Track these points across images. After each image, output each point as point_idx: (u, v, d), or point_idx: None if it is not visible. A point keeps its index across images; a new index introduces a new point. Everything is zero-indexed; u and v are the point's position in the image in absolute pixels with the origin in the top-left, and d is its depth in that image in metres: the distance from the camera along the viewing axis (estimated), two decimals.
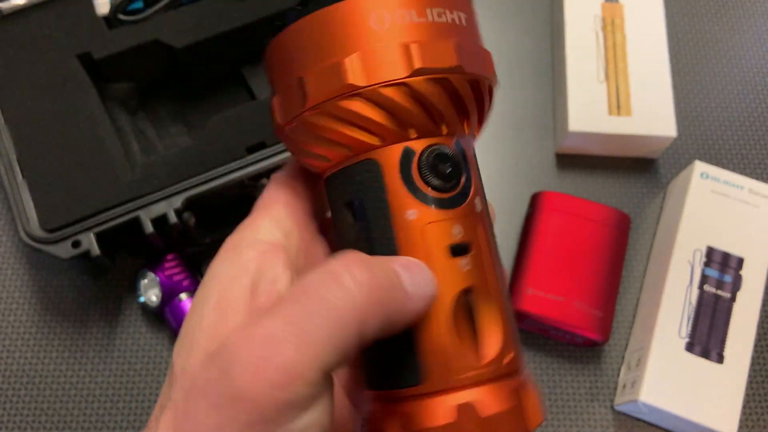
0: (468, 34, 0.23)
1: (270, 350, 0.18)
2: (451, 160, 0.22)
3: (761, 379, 0.47)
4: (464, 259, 0.21)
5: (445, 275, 0.21)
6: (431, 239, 0.21)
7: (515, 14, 0.58)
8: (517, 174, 0.52)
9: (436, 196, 0.21)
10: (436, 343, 0.21)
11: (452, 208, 0.22)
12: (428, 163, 0.21)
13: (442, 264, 0.21)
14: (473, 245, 0.22)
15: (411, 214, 0.21)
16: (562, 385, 0.46)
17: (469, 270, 0.22)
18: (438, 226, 0.21)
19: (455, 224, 0.21)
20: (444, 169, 0.22)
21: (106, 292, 0.47)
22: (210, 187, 0.42)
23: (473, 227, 0.22)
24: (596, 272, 0.46)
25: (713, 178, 0.48)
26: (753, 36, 0.59)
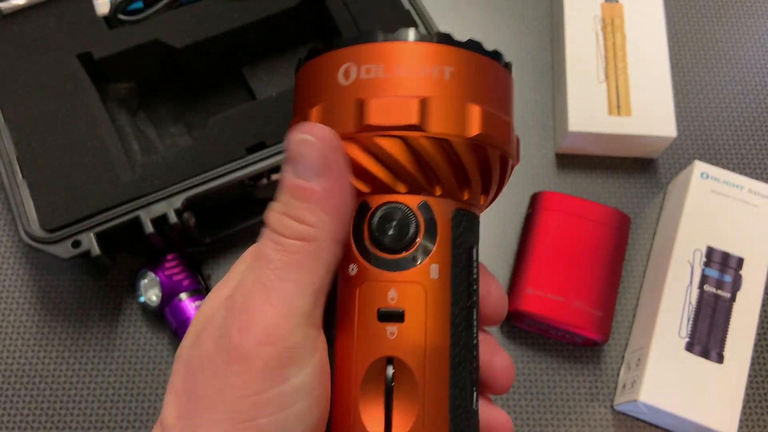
0: (452, 90, 0.21)
1: (248, 311, 0.20)
2: (404, 222, 0.21)
3: (761, 379, 0.47)
4: (392, 326, 0.21)
5: (365, 338, 0.21)
6: (363, 298, 0.21)
7: (515, 14, 0.58)
8: (516, 174, 0.52)
9: (379, 255, 0.21)
10: (341, 405, 0.21)
11: (393, 270, 0.21)
12: (377, 220, 0.21)
13: (365, 326, 0.21)
14: (410, 314, 0.21)
15: (352, 268, 0.21)
16: (562, 385, 0.46)
17: (396, 339, 0.20)
18: (371, 285, 0.21)
19: (392, 288, 0.21)
20: (391, 228, 0.21)
21: (106, 292, 0.47)
22: (210, 187, 0.42)
23: (416, 295, 0.21)
24: (596, 272, 0.46)
25: (713, 178, 0.48)
26: (753, 36, 0.59)
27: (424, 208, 0.21)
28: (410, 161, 0.21)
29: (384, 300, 0.21)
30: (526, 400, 0.46)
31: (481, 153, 0.21)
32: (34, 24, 0.46)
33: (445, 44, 0.21)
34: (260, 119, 0.44)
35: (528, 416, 0.45)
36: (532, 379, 0.46)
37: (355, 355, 0.21)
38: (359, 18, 0.47)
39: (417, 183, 0.21)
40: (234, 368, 0.19)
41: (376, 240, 0.21)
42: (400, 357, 0.20)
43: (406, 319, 0.21)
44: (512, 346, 0.47)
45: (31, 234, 0.40)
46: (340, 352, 0.21)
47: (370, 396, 0.21)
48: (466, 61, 0.21)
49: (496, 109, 0.22)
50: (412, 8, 0.48)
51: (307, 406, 0.20)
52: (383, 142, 0.20)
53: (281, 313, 0.20)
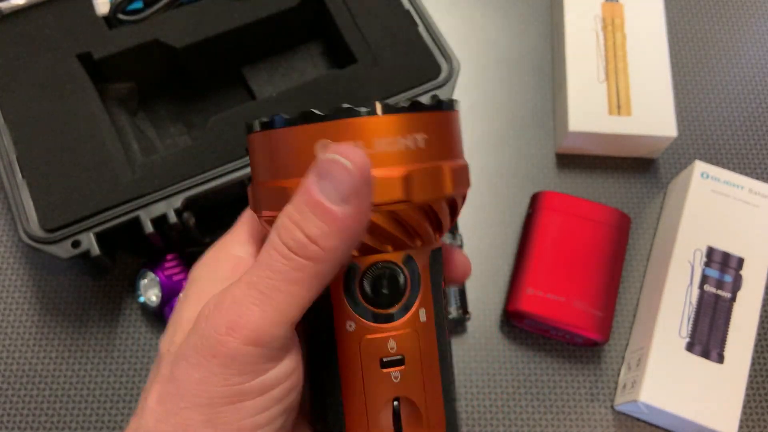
0: (425, 157, 0.22)
1: (239, 311, 0.21)
2: (394, 279, 0.23)
3: (761, 379, 0.47)
4: (395, 371, 0.23)
5: (374, 386, 0.23)
6: (365, 351, 0.23)
7: (515, 14, 0.58)
8: (517, 174, 0.52)
9: (375, 311, 0.23)
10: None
11: (389, 322, 0.23)
12: (370, 280, 0.23)
13: (372, 375, 0.23)
14: (408, 357, 0.23)
15: (350, 325, 0.23)
16: (562, 385, 0.46)
17: (400, 381, 0.23)
18: (373, 339, 0.23)
19: (390, 339, 0.23)
20: (383, 287, 0.23)
21: (106, 292, 0.47)
22: (210, 187, 0.42)
23: (411, 340, 0.23)
24: (596, 272, 0.46)
25: (713, 178, 0.48)
26: (753, 36, 0.59)
27: (408, 261, 0.23)
28: (397, 228, 0.22)
29: (385, 350, 0.23)
30: (526, 400, 0.46)
31: (453, 202, 0.24)
32: (34, 24, 0.46)
33: (417, 112, 0.22)
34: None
35: (528, 416, 0.45)
36: (533, 380, 0.46)
37: (367, 401, 0.23)
38: (359, 18, 0.47)
39: (402, 242, 0.23)
40: (218, 360, 0.20)
41: (371, 299, 0.23)
42: (407, 395, 0.23)
43: (406, 363, 0.23)
44: (512, 346, 0.47)
45: (30, 234, 0.40)
46: (351, 398, 0.24)
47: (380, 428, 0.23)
48: (435, 124, 0.22)
49: (459, 158, 0.24)
50: (411, 8, 0.48)
51: (285, 388, 0.22)
52: (372, 217, 0.22)
53: (272, 321, 0.20)
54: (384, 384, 0.23)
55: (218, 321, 0.20)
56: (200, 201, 0.43)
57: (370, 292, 0.23)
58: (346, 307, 0.23)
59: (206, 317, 0.21)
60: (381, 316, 0.23)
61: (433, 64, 0.46)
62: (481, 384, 0.46)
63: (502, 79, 0.56)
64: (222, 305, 0.21)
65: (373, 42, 0.47)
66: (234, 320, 0.20)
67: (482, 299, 0.48)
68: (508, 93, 0.55)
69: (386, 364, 0.23)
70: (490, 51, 0.57)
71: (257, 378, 0.21)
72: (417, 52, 0.47)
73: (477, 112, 0.55)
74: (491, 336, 0.47)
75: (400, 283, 0.23)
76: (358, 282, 0.23)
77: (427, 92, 0.46)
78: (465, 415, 0.45)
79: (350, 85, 0.45)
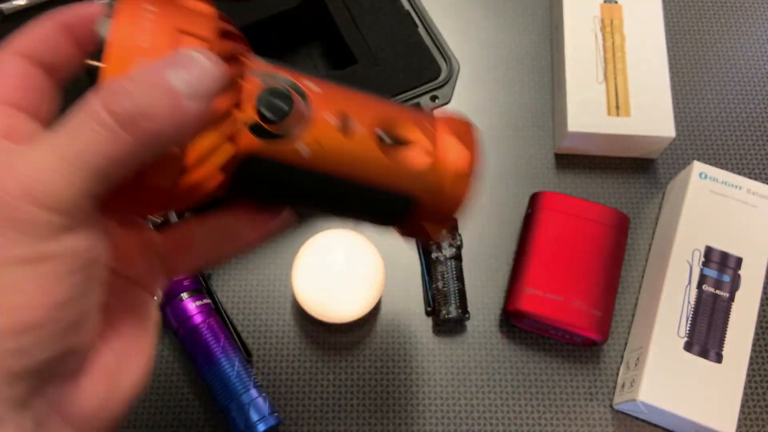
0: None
1: (39, 177, 0.19)
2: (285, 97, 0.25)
3: (760, 378, 0.47)
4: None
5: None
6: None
7: (514, 15, 0.59)
8: (516, 174, 0.53)
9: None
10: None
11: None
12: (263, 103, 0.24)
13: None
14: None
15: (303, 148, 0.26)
16: (561, 385, 0.46)
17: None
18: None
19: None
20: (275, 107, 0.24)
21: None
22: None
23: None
24: (595, 272, 0.46)
25: (712, 179, 0.48)
26: (751, 37, 0.59)
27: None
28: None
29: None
30: (525, 400, 0.46)
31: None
32: None
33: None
34: None
35: (528, 415, 0.45)
36: (532, 379, 0.46)
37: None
38: (359, 19, 0.48)
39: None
40: (11, 224, 0.19)
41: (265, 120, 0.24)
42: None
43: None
44: (512, 345, 0.47)
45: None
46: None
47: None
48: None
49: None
50: (411, 9, 0.48)
51: (83, 261, 0.20)
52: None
53: (74, 191, 0.19)
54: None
55: (12, 184, 0.19)
56: (209, 206, 0.43)
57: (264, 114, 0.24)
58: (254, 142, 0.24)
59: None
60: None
61: (433, 65, 0.46)
62: (481, 383, 0.46)
63: (501, 80, 0.56)
64: (17, 169, 0.19)
65: (373, 43, 0.47)
66: (31, 186, 0.19)
67: (482, 299, 0.48)
68: (507, 93, 0.56)
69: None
70: (490, 52, 0.57)
71: (51, 246, 0.19)
72: (417, 53, 0.47)
73: (476, 113, 0.55)
74: (491, 336, 0.47)
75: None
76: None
77: (427, 93, 0.46)
78: (464, 414, 0.45)
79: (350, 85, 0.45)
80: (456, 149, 0.27)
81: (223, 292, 0.47)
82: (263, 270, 0.48)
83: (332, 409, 0.45)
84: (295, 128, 0.25)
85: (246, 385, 0.42)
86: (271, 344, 0.46)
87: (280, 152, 0.25)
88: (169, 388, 0.45)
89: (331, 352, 0.46)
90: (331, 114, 0.26)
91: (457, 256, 0.47)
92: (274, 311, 0.47)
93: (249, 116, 0.24)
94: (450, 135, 0.27)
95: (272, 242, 0.49)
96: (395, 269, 0.49)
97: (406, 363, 0.46)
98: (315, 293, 0.43)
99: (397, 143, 0.27)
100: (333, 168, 0.26)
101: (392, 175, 0.26)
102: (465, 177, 0.27)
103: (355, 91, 0.28)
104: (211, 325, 0.44)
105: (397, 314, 0.48)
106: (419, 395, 0.45)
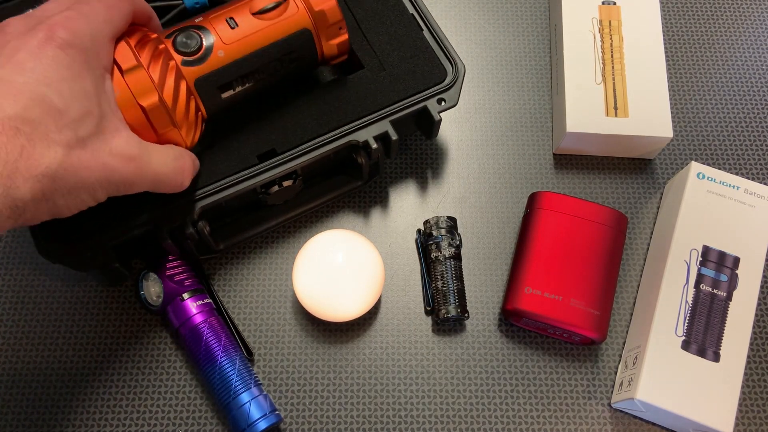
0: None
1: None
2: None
3: (757, 377, 0.47)
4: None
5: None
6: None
7: (513, 16, 0.59)
8: (515, 174, 0.53)
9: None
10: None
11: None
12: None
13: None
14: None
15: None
16: (560, 384, 0.47)
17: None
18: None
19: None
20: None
21: (106, 292, 0.48)
22: (223, 196, 0.42)
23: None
24: (593, 272, 0.46)
25: (709, 179, 0.48)
26: (748, 38, 0.59)
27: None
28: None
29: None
30: (524, 398, 0.46)
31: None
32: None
33: None
34: (270, 127, 0.44)
35: (526, 414, 0.46)
36: (531, 378, 0.47)
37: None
38: (364, 23, 0.48)
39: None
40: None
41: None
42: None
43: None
44: (510, 344, 0.48)
45: (48, 248, 0.40)
46: None
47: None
48: None
49: None
50: (416, 12, 0.48)
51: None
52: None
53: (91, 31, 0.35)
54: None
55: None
56: (214, 209, 0.43)
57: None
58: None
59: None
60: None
61: (439, 68, 0.47)
62: (480, 382, 0.46)
63: (500, 81, 0.57)
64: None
65: (379, 48, 0.47)
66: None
67: (480, 298, 0.49)
68: (506, 94, 0.56)
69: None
70: (489, 53, 0.57)
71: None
72: (422, 57, 0.47)
73: (476, 113, 0.55)
74: (489, 335, 0.48)
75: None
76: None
77: (433, 96, 0.46)
78: (464, 413, 0.46)
79: (358, 90, 0.46)
80: None
81: (223, 291, 0.48)
82: (264, 269, 0.49)
83: (332, 407, 0.45)
84: (207, 46, 0.39)
85: (247, 384, 0.42)
86: (272, 343, 0.47)
87: (210, 65, 0.39)
88: (170, 387, 0.45)
89: (331, 350, 0.47)
90: (221, 23, 0.40)
91: (456, 255, 0.47)
92: (274, 310, 0.48)
93: (177, 58, 0.38)
94: None
95: (273, 242, 0.50)
96: (395, 269, 0.49)
97: (406, 362, 0.47)
98: (315, 292, 0.43)
99: (272, 8, 0.41)
100: (246, 49, 0.40)
101: (282, 25, 0.41)
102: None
103: (230, 3, 0.42)
104: (212, 324, 0.44)
105: (397, 313, 0.48)
106: (419, 394, 0.46)
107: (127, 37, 0.37)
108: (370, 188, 0.52)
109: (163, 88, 0.37)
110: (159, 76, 0.37)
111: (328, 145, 0.44)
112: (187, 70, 0.38)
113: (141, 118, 0.36)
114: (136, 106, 0.36)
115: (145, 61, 0.36)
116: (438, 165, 0.53)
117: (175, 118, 0.37)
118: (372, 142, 0.45)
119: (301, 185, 0.46)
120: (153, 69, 0.36)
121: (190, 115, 0.39)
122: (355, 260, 0.44)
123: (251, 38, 0.40)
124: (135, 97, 0.36)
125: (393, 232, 0.50)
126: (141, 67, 0.36)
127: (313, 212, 0.51)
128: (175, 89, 0.37)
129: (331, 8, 0.42)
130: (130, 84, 0.36)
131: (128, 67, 0.36)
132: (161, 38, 0.39)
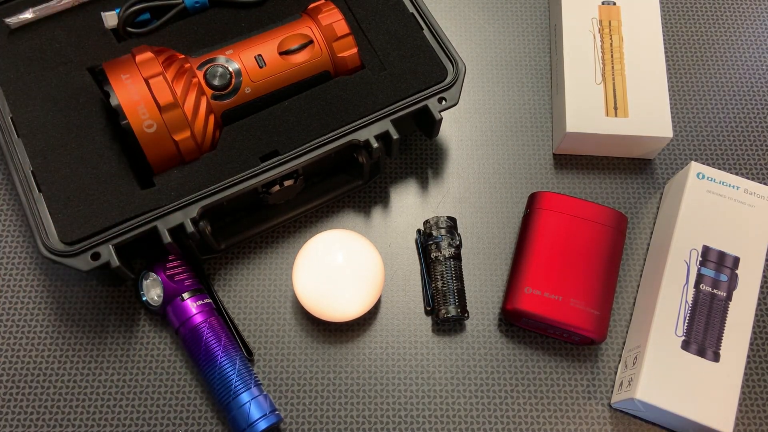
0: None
1: None
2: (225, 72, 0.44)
3: (757, 376, 0.47)
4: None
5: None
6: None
7: (513, 16, 0.59)
8: (514, 174, 0.53)
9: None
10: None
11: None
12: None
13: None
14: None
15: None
16: (560, 383, 0.47)
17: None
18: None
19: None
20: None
21: (106, 293, 0.48)
22: (224, 195, 0.43)
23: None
24: (593, 272, 0.46)
25: (709, 179, 0.48)
26: (748, 39, 0.59)
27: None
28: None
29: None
30: (524, 398, 0.46)
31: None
32: (44, 38, 0.47)
33: None
34: (272, 128, 0.45)
35: (526, 413, 0.46)
36: (531, 377, 0.47)
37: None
38: (364, 23, 0.48)
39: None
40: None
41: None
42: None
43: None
44: (511, 344, 0.48)
45: (50, 248, 0.40)
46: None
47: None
48: None
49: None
50: (415, 11, 0.49)
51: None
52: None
53: None
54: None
55: None
56: (215, 209, 0.44)
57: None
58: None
59: None
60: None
61: (440, 67, 0.47)
62: (480, 382, 0.47)
63: (500, 81, 0.57)
64: None
65: (380, 47, 0.47)
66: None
67: (480, 299, 0.49)
68: (506, 94, 0.56)
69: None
70: (489, 53, 0.58)
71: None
72: (423, 56, 0.47)
73: (476, 114, 0.55)
74: (489, 335, 0.48)
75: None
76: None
77: (434, 95, 0.46)
78: (464, 413, 0.46)
79: (359, 90, 0.46)
80: (328, 19, 0.45)
81: (224, 291, 0.48)
82: (264, 269, 0.49)
83: (332, 407, 0.46)
84: (236, 83, 0.43)
85: (247, 384, 0.43)
86: (272, 343, 0.47)
87: (237, 100, 0.44)
88: (170, 387, 0.46)
89: (331, 350, 0.47)
90: (250, 60, 0.44)
91: (456, 255, 0.48)
92: (274, 310, 0.48)
93: (208, 92, 0.43)
94: (318, 16, 0.45)
95: (273, 242, 0.50)
96: (395, 269, 0.50)
97: (406, 362, 0.47)
98: (315, 292, 0.44)
99: (298, 49, 0.45)
100: (270, 87, 0.45)
101: (306, 68, 0.45)
102: (344, 30, 0.45)
103: (257, 35, 0.45)
104: (212, 324, 0.44)
105: (397, 313, 0.48)
106: (419, 393, 0.46)
107: (164, 69, 0.41)
108: (370, 188, 0.52)
109: (194, 124, 0.42)
110: (192, 113, 0.42)
111: (330, 144, 0.45)
112: (216, 104, 0.43)
113: (172, 149, 0.42)
114: (170, 140, 0.41)
115: (180, 97, 0.41)
116: (438, 165, 0.53)
117: (202, 146, 0.43)
118: (373, 141, 0.45)
119: (302, 185, 0.47)
120: (187, 105, 0.41)
121: (208, 135, 0.43)
122: (355, 260, 0.44)
123: (276, 78, 0.45)
124: (170, 133, 0.41)
125: (393, 232, 0.51)
126: (177, 106, 0.40)
127: (314, 212, 0.51)
128: (205, 122, 0.43)
129: (352, 56, 0.46)
130: (167, 121, 0.40)
131: (165, 104, 0.40)
132: (194, 69, 0.43)
